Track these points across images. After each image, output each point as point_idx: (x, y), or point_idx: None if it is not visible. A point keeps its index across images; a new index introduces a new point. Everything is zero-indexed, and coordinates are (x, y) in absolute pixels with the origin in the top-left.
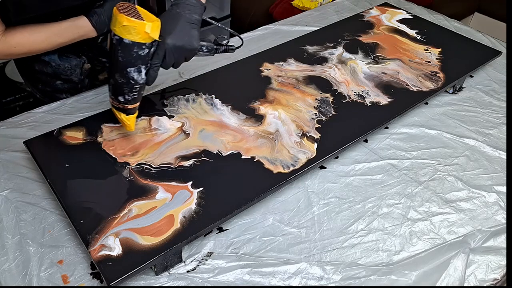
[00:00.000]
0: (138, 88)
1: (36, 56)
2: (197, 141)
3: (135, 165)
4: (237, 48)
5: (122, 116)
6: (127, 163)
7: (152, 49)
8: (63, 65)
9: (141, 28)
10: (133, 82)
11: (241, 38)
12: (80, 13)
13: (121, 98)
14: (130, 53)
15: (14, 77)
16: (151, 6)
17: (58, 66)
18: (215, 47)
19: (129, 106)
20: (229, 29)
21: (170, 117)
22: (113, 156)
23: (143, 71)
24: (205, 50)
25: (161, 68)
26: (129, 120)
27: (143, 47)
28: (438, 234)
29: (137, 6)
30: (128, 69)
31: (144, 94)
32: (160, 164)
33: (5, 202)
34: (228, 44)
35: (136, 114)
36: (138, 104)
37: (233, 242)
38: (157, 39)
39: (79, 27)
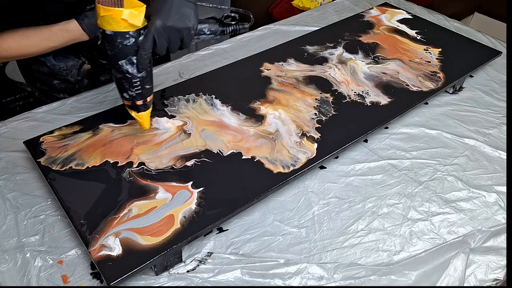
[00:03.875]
0: (138, 82)
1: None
2: (198, 141)
3: (136, 166)
4: (249, 25)
5: (133, 113)
6: (127, 163)
7: (141, 38)
8: (59, 65)
9: (117, 16)
10: (130, 76)
11: (249, 14)
12: (65, 18)
13: (125, 95)
14: (115, 45)
15: (14, 77)
16: None
17: (54, 66)
18: (220, 28)
19: (138, 103)
20: (231, 8)
21: (171, 117)
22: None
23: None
24: (208, 32)
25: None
26: (141, 117)
27: (127, 36)
28: (438, 234)
29: None
30: (120, 62)
31: None
32: (161, 167)
33: (5, 202)
34: (238, 23)
35: (149, 111)
36: (149, 99)
37: (233, 242)
38: (139, 25)
39: (69, 31)
